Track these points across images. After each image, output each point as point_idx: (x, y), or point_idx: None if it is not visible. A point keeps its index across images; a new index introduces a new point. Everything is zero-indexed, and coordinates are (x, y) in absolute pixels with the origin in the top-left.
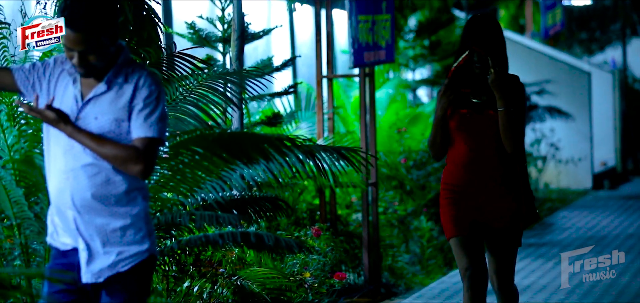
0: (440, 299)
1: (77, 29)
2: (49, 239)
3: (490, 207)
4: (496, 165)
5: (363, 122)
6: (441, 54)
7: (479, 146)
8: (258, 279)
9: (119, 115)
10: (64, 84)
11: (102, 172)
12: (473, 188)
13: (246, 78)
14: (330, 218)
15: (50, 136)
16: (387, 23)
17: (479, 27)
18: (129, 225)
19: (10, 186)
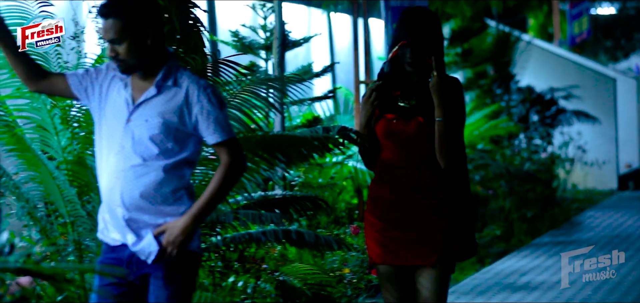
0: (473, 294)
1: (105, 16)
2: (100, 235)
3: (419, 228)
4: (427, 179)
5: None
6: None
7: (408, 156)
8: (299, 275)
9: (168, 118)
10: (116, 89)
11: (150, 173)
12: (400, 206)
13: (287, 83)
14: None
15: (102, 138)
16: None
17: (414, 20)
18: None
19: (63, 186)
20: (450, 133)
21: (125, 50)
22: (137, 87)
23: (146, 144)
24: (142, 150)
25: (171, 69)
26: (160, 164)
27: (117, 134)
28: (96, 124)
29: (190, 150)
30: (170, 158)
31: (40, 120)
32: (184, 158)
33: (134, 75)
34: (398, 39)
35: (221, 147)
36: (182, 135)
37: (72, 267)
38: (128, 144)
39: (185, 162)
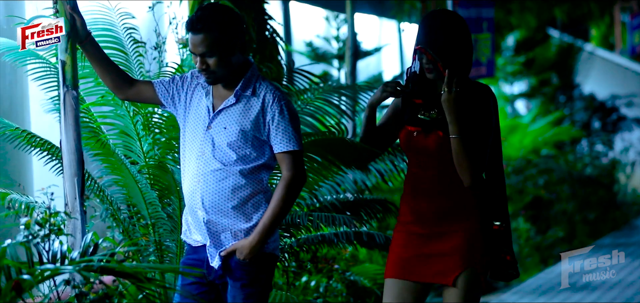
0: (536, 294)
1: (196, 31)
2: (183, 236)
3: (440, 246)
4: (449, 197)
5: None
6: (537, 69)
7: (428, 172)
8: (369, 275)
9: (245, 126)
10: (198, 96)
11: (229, 177)
12: (421, 224)
13: (358, 91)
14: None
15: (186, 143)
16: (488, 41)
17: (431, 24)
18: (253, 226)
19: (145, 189)
20: (469, 150)
21: (214, 63)
22: (218, 95)
23: (225, 150)
24: (221, 156)
25: (251, 78)
26: (238, 169)
27: (198, 139)
28: (181, 130)
29: (268, 155)
30: (248, 164)
31: (124, 127)
32: (261, 163)
33: (217, 86)
34: (417, 44)
35: (284, 156)
36: (259, 142)
37: (153, 267)
38: (208, 150)
39: (263, 167)
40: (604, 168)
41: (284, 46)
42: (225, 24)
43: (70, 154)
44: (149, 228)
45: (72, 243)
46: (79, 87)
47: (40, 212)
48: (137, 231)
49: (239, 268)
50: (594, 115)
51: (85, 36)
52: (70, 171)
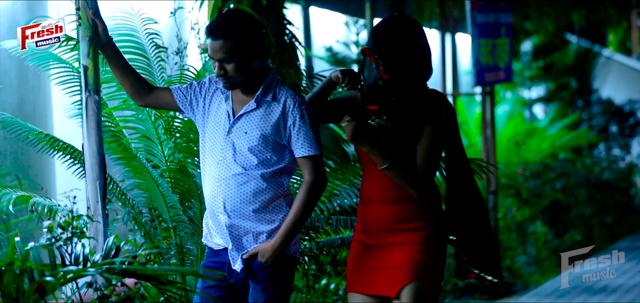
0: (554, 297)
1: (215, 37)
2: (204, 240)
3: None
4: (400, 207)
5: (484, 135)
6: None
7: (378, 181)
8: None
9: (266, 131)
10: (217, 101)
11: (250, 181)
12: (372, 235)
13: None
14: None
15: (206, 147)
16: (506, 46)
17: (377, 28)
18: (275, 229)
19: (167, 192)
20: (402, 173)
21: (233, 68)
22: (238, 101)
23: (246, 154)
24: (242, 160)
25: (271, 84)
26: (259, 173)
27: (219, 144)
28: (200, 134)
29: (288, 159)
30: (269, 168)
31: (145, 131)
32: (281, 167)
33: (237, 91)
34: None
35: (306, 161)
36: (280, 147)
37: (174, 270)
38: (229, 154)
39: (283, 171)
40: (621, 173)
41: (304, 51)
42: (244, 30)
43: (93, 158)
44: (170, 231)
45: (94, 246)
46: (101, 91)
47: (63, 215)
48: (158, 234)
49: (260, 270)
50: (611, 119)
51: (107, 42)
52: (92, 175)
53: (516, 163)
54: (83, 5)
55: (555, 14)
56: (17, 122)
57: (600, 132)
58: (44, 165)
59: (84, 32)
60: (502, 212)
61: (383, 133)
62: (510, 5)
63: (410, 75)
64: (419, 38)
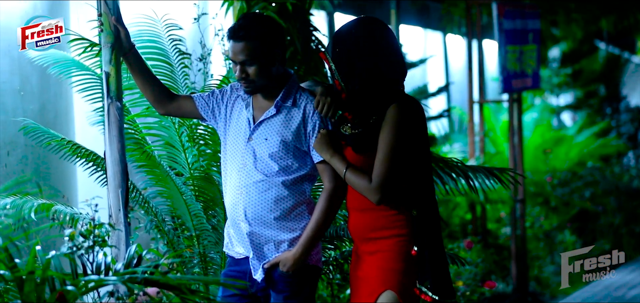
0: None
1: (237, 38)
2: (225, 248)
3: (364, 269)
4: (375, 214)
5: (511, 143)
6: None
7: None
8: None
9: (287, 137)
10: (238, 109)
11: (271, 189)
12: (356, 242)
13: None
14: (481, 232)
15: (227, 155)
16: (534, 53)
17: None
18: (297, 238)
19: (190, 201)
20: (357, 181)
21: (254, 71)
22: (258, 107)
23: (266, 161)
24: (263, 167)
25: (291, 89)
26: (280, 180)
27: (239, 151)
28: (222, 142)
29: (309, 166)
30: (290, 175)
31: (168, 138)
32: (303, 174)
33: (255, 96)
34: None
35: (325, 167)
36: (301, 153)
37: (197, 279)
38: (250, 161)
39: (305, 178)
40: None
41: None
42: (266, 33)
43: (115, 165)
44: (194, 240)
45: (116, 255)
46: (123, 98)
47: (85, 223)
48: (181, 243)
49: (282, 280)
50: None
51: (129, 48)
52: (114, 182)
53: (544, 171)
54: (105, 11)
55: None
56: (38, 129)
57: (629, 139)
58: (65, 173)
59: (106, 39)
60: (529, 220)
61: (348, 142)
62: (538, 11)
63: (369, 80)
64: (378, 40)
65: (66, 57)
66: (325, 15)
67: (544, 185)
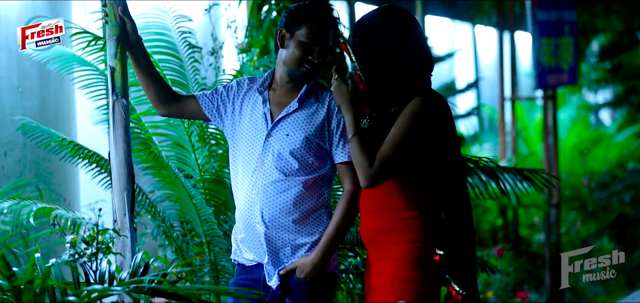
0: None
1: (333, 21)
2: (233, 256)
3: (375, 276)
4: (386, 216)
5: (546, 143)
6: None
7: (368, 190)
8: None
9: (310, 133)
10: (251, 104)
11: (291, 189)
12: (367, 247)
13: None
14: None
15: (238, 154)
16: (570, 46)
17: (357, 21)
18: (315, 242)
19: (200, 205)
20: (359, 151)
21: (323, 60)
22: (277, 103)
23: (287, 158)
24: (282, 165)
25: (315, 84)
26: (301, 180)
27: (256, 149)
28: (230, 141)
29: (329, 166)
30: (311, 174)
31: (177, 137)
32: (323, 174)
33: (272, 91)
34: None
35: (347, 168)
36: (322, 151)
37: (208, 289)
38: (268, 159)
39: (325, 178)
40: None
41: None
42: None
43: (120, 167)
44: (204, 247)
45: (121, 263)
46: (129, 95)
47: (87, 229)
48: (191, 250)
49: (299, 287)
50: None
51: (135, 42)
52: (119, 185)
53: (581, 173)
54: (110, 2)
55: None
56: (38, 128)
57: None
58: (67, 175)
59: (111, 31)
60: (565, 226)
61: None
62: (574, 1)
63: (388, 73)
64: (399, 30)
65: (67, 52)
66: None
67: (580, 188)
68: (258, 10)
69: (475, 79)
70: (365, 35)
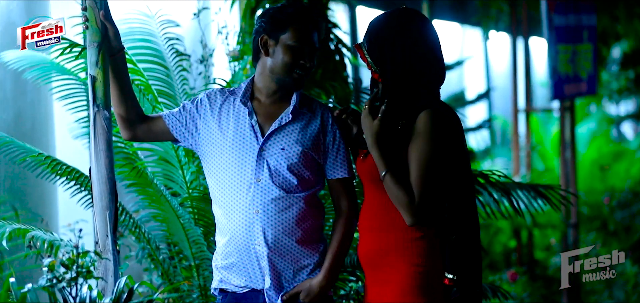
0: None
1: (317, 24)
2: (219, 285)
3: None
4: (387, 236)
5: (563, 158)
6: None
7: (373, 204)
8: None
9: (307, 146)
10: (233, 116)
11: (292, 207)
12: (365, 268)
13: None
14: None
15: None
16: (589, 53)
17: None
18: (316, 263)
19: (188, 225)
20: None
21: (312, 64)
22: (264, 114)
23: (284, 174)
24: (281, 181)
25: (304, 95)
26: (301, 196)
27: (248, 165)
28: (209, 158)
29: (321, 182)
30: (310, 190)
31: (163, 153)
32: (318, 190)
33: (256, 101)
34: None
35: (343, 184)
36: (316, 166)
37: None
38: (264, 176)
39: (318, 195)
40: None
41: (351, 59)
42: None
43: (102, 184)
44: (193, 270)
45: (103, 288)
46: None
47: (67, 251)
48: (178, 274)
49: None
50: None
51: (117, 50)
52: (101, 204)
53: (601, 191)
54: (91, 5)
55: None
56: (13, 142)
57: None
58: (44, 193)
59: (92, 37)
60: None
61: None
62: (594, 4)
63: (400, 78)
64: (413, 34)
65: (45, 59)
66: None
67: (600, 207)
68: (251, 15)
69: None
70: (378, 37)
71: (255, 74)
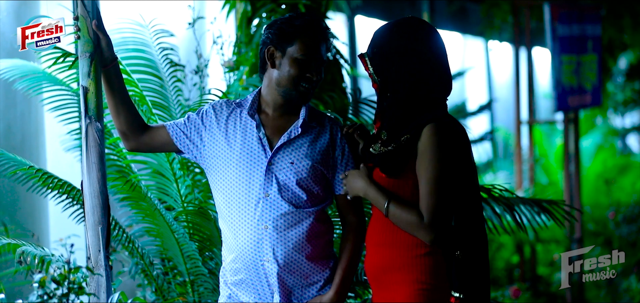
0: None
1: (326, 35)
2: (227, 300)
3: None
4: (391, 252)
5: (567, 172)
6: None
7: (379, 220)
8: None
9: (316, 160)
10: (241, 129)
11: (303, 222)
12: (372, 286)
13: None
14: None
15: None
16: (594, 64)
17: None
18: (326, 279)
19: (183, 240)
20: (404, 211)
21: (319, 77)
22: (272, 127)
23: (293, 189)
24: (290, 196)
25: (313, 108)
26: (311, 211)
27: (256, 179)
28: (215, 172)
29: (330, 197)
30: (319, 205)
31: (157, 165)
32: (326, 205)
33: (263, 114)
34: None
35: (350, 200)
36: (325, 181)
37: None
38: (273, 190)
39: (327, 211)
40: None
41: (350, 70)
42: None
43: (94, 198)
44: (187, 286)
45: None
46: (104, 118)
47: (58, 267)
48: (172, 290)
49: None
50: None
51: (110, 60)
52: (93, 218)
53: (606, 205)
54: (83, 14)
55: None
56: (2, 154)
57: None
58: (35, 207)
59: (84, 47)
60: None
61: (376, 162)
62: (598, 13)
63: (404, 90)
64: (418, 44)
65: (36, 69)
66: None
67: (605, 222)
68: (247, 25)
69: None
70: (382, 46)
71: (262, 86)
